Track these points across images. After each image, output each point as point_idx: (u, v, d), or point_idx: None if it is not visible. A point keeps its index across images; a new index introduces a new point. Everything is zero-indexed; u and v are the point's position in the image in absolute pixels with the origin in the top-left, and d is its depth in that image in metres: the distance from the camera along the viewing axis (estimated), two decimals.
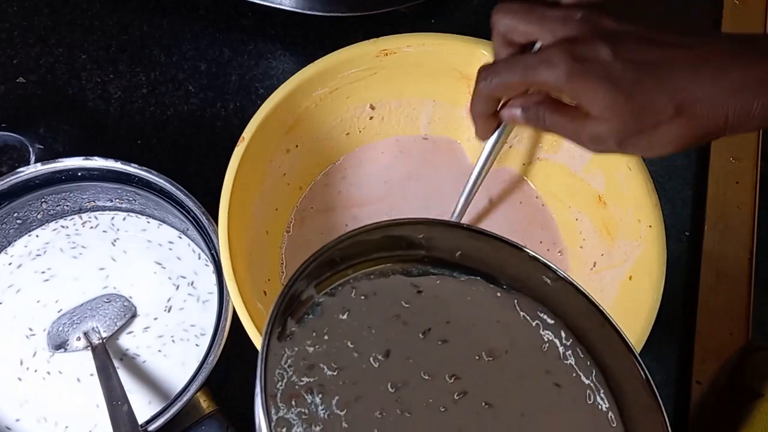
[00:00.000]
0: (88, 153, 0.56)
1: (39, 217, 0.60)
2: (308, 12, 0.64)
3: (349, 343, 0.39)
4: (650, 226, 0.51)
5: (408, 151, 0.62)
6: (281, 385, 0.38)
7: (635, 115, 0.40)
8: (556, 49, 0.41)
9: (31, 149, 0.58)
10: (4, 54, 0.67)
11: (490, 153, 0.51)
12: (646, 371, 0.38)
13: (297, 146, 0.58)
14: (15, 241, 0.60)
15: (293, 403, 0.37)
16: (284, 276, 0.57)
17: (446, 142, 0.62)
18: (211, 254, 0.54)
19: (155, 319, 0.58)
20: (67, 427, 0.55)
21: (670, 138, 0.40)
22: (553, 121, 0.43)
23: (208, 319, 0.57)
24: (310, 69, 0.54)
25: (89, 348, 0.55)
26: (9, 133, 0.59)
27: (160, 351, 0.57)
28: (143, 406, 0.55)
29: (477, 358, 0.40)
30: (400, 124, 0.61)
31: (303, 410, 0.37)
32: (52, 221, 0.61)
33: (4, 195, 0.56)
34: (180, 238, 0.60)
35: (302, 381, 0.38)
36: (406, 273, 0.42)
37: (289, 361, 0.38)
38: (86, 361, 0.55)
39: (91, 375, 0.55)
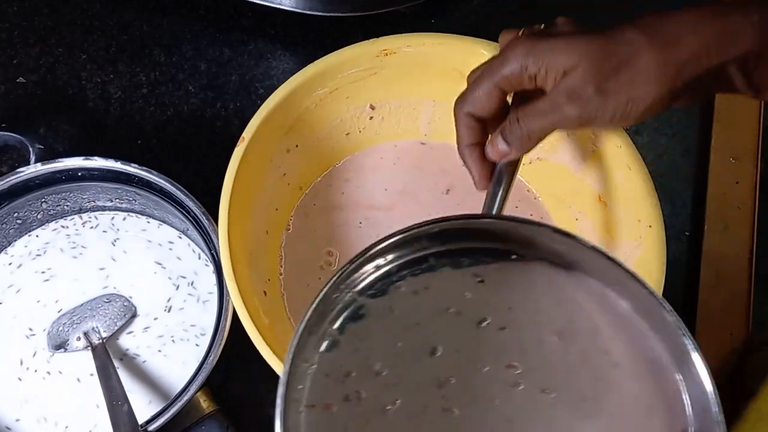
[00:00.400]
0: (88, 153, 0.56)
1: (39, 217, 0.60)
2: (308, 12, 0.64)
3: (392, 344, 0.38)
4: (650, 226, 0.51)
5: (406, 157, 0.62)
6: (313, 395, 0.36)
7: (605, 48, 0.38)
8: (512, 42, 0.42)
9: (31, 149, 0.58)
10: (4, 54, 0.67)
11: (493, 201, 0.45)
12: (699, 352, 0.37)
13: (297, 146, 0.58)
14: (15, 241, 0.60)
15: (328, 411, 0.36)
16: (282, 274, 0.58)
17: (444, 147, 0.62)
18: (211, 254, 0.54)
19: (155, 319, 0.58)
20: (67, 427, 0.55)
21: (651, 71, 0.37)
22: (527, 113, 0.42)
23: (208, 319, 0.57)
24: (310, 69, 0.54)
25: (89, 348, 0.55)
26: (9, 133, 0.59)
27: (160, 351, 0.57)
28: (143, 406, 0.55)
29: (538, 342, 0.39)
30: (400, 124, 0.61)
31: (339, 418, 0.36)
32: (52, 221, 0.61)
33: (4, 195, 0.56)
34: (180, 238, 0.60)
35: (338, 388, 0.37)
36: (455, 265, 0.40)
37: (324, 368, 0.37)
38: (86, 361, 0.55)
39: (91, 375, 0.55)
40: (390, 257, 0.40)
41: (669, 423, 0.38)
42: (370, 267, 0.40)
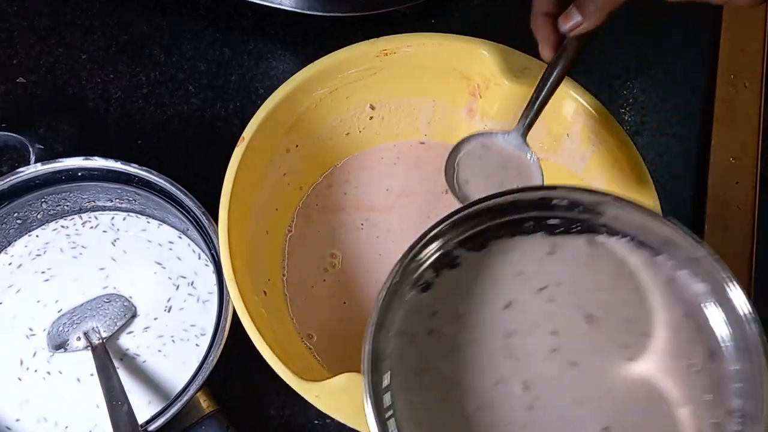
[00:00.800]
0: (88, 153, 0.56)
1: (39, 217, 0.60)
2: (308, 12, 0.64)
3: (476, 293, 0.44)
4: None
5: (406, 158, 0.62)
6: (403, 325, 0.42)
7: None
8: None
9: (31, 149, 0.58)
10: (4, 54, 0.67)
11: (552, 73, 0.48)
12: None
13: (297, 146, 0.58)
14: (15, 241, 0.60)
15: (413, 340, 0.43)
16: (286, 275, 0.58)
17: (444, 147, 0.62)
18: (211, 254, 0.54)
19: (155, 319, 0.58)
20: (67, 427, 0.55)
21: None
22: None
23: (208, 319, 0.57)
24: (310, 69, 0.54)
25: (89, 348, 0.55)
26: (9, 133, 0.59)
27: (160, 351, 0.57)
28: (143, 406, 0.55)
29: (569, 320, 0.43)
30: (400, 125, 0.61)
31: (420, 346, 0.43)
32: (52, 221, 0.61)
33: (4, 195, 0.56)
34: (180, 238, 0.60)
35: (425, 323, 0.43)
36: (549, 232, 0.45)
37: (416, 305, 0.43)
38: (86, 361, 0.55)
39: (91, 375, 0.55)
40: (488, 217, 0.45)
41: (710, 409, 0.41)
42: (470, 222, 0.44)
